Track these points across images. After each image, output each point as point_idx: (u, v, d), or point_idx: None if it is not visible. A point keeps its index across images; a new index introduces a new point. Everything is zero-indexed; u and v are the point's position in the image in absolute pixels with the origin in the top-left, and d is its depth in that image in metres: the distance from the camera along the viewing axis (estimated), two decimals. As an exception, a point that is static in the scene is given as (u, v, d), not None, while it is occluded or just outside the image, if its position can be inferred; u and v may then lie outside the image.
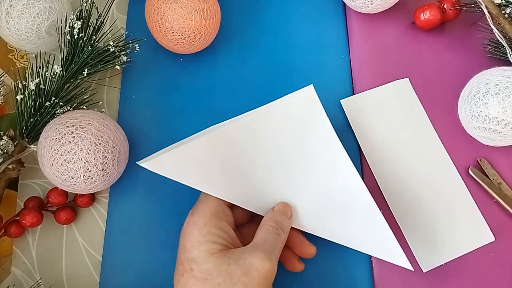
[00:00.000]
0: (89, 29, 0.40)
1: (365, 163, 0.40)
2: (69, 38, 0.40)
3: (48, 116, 0.39)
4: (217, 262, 0.30)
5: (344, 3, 0.46)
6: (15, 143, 0.39)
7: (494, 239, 0.37)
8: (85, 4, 0.40)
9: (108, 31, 0.43)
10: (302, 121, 0.33)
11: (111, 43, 0.40)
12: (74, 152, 0.34)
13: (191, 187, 0.36)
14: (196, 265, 0.30)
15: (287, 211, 0.34)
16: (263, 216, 0.34)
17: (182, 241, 0.32)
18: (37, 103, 0.38)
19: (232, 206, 0.35)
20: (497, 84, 0.35)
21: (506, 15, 0.40)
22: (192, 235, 0.31)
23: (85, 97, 0.41)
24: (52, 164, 0.34)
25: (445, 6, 0.43)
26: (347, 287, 0.37)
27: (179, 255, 0.31)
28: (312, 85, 0.34)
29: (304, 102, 0.33)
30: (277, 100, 0.34)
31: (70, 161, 0.34)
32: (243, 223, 0.37)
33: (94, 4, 0.41)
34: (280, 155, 0.34)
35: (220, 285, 0.29)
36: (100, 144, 0.35)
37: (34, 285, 0.38)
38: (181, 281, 0.30)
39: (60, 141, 0.34)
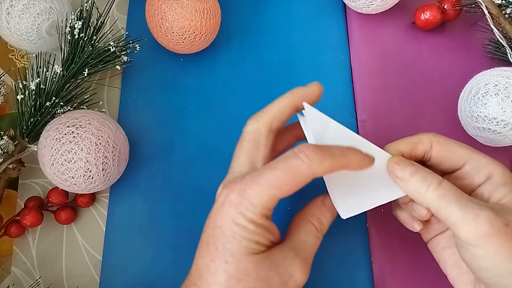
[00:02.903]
0: (90, 29, 0.40)
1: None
2: (69, 38, 0.40)
3: (48, 116, 0.39)
4: (258, 265, 0.26)
5: (344, 3, 0.46)
6: (16, 143, 0.39)
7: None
8: (85, 4, 0.40)
9: (108, 31, 0.43)
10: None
11: (112, 43, 0.40)
12: (75, 152, 0.34)
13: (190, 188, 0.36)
14: (233, 260, 0.26)
15: (334, 209, 0.31)
16: None
17: (218, 220, 0.27)
18: (38, 103, 0.38)
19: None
20: (496, 85, 0.35)
21: (507, 15, 0.40)
22: (236, 225, 0.26)
23: (85, 97, 0.41)
24: (53, 164, 0.34)
25: (445, 6, 0.43)
26: (347, 287, 0.37)
27: (211, 232, 0.27)
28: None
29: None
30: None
31: (71, 161, 0.34)
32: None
33: (94, 4, 0.41)
34: None
35: None
36: (100, 144, 0.35)
37: (34, 284, 0.38)
38: (211, 267, 0.26)
39: (60, 140, 0.34)
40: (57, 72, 0.39)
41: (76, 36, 0.39)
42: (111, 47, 0.40)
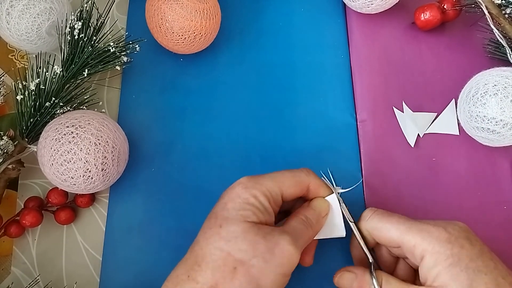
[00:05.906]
0: (90, 29, 0.40)
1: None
2: (69, 38, 0.40)
3: (48, 116, 0.39)
4: (246, 229, 0.29)
5: (344, 3, 0.46)
6: (15, 143, 0.39)
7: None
8: (85, 5, 0.40)
9: (108, 32, 0.43)
10: None
11: (112, 44, 0.40)
12: (74, 152, 0.34)
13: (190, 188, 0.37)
14: (226, 224, 0.29)
15: (322, 210, 0.34)
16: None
17: (225, 197, 0.31)
18: (37, 103, 0.38)
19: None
20: (495, 85, 0.35)
21: (506, 15, 0.40)
22: (239, 198, 0.31)
23: (85, 97, 0.41)
24: (52, 164, 0.34)
25: (445, 6, 0.43)
26: None
27: (216, 208, 0.31)
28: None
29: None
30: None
31: (70, 161, 0.34)
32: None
33: (94, 5, 0.41)
34: None
35: (241, 252, 0.28)
36: (100, 144, 0.35)
37: (33, 283, 0.38)
38: (207, 233, 0.30)
39: (60, 141, 0.34)
40: (56, 73, 0.39)
41: (76, 37, 0.39)
42: (111, 48, 0.40)
